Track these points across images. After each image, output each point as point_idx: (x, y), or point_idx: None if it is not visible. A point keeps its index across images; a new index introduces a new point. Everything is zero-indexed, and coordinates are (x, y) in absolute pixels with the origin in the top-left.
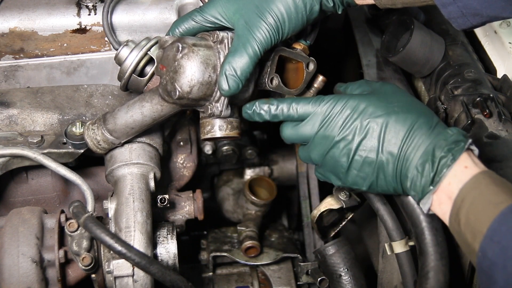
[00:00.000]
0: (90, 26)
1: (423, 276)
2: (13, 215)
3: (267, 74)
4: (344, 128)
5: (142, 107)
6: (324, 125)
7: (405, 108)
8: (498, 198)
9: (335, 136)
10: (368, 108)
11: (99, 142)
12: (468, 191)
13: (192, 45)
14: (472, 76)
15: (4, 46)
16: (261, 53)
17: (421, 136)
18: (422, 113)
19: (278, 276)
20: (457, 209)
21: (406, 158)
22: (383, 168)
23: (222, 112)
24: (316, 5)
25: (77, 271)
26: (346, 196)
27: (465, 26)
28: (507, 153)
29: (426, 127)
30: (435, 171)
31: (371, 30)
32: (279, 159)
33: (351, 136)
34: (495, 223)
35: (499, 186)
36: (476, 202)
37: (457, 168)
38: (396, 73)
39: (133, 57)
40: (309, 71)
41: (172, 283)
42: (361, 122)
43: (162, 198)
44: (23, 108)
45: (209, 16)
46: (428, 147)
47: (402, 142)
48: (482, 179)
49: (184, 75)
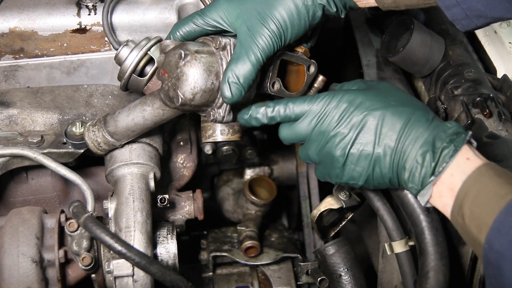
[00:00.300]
0: (90, 26)
1: (423, 275)
2: (13, 215)
3: (269, 78)
4: (340, 122)
5: (143, 110)
6: (320, 121)
7: (401, 102)
8: (503, 190)
9: (331, 131)
10: (365, 102)
11: (99, 144)
12: (472, 184)
13: (195, 52)
14: (472, 76)
15: (4, 46)
16: (264, 60)
17: (418, 129)
18: (419, 107)
19: (278, 276)
20: (460, 202)
21: (404, 150)
22: (380, 161)
23: (224, 118)
24: (318, 10)
25: (77, 271)
26: (346, 196)
27: (469, 27)
28: (507, 153)
29: (424, 120)
30: (436, 161)
31: (371, 30)
32: (279, 159)
33: (347, 130)
34: (502, 214)
35: (503, 178)
36: (480, 194)
37: (459, 159)
38: (396, 73)
39: (133, 57)
40: (310, 73)
41: (172, 283)
42: (358, 115)
43: (162, 198)
44: (23, 108)
45: (210, 20)
46: (427, 138)
47: (399, 134)
48: (485, 171)
49: (187, 83)
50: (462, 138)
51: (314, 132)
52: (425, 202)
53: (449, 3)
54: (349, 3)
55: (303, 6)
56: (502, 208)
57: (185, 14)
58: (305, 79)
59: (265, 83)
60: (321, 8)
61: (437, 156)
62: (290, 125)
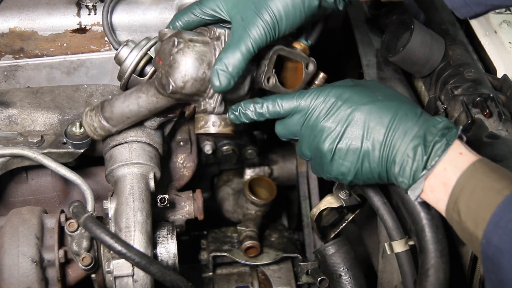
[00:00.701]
0: (90, 26)
1: (423, 273)
2: (13, 215)
3: (264, 72)
4: (327, 116)
5: (138, 97)
6: (309, 116)
7: (389, 97)
8: (499, 185)
9: (318, 125)
10: (352, 96)
11: (96, 129)
12: (467, 180)
13: (189, 41)
14: (472, 76)
15: (4, 46)
16: (255, 50)
17: (407, 123)
18: (406, 102)
19: (278, 276)
20: (455, 198)
21: (393, 144)
22: (368, 155)
23: (215, 108)
24: (315, 1)
25: (77, 271)
26: (346, 195)
27: (468, 14)
28: (507, 153)
29: (412, 114)
30: (428, 155)
31: (371, 30)
32: (279, 159)
33: (335, 124)
34: (500, 209)
35: (498, 173)
36: (477, 190)
37: (451, 153)
38: (396, 73)
39: (133, 57)
40: (309, 72)
41: (172, 283)
42: (345, 110)
43: (162, 198)
44: (23, 108)
45: (208, 9)
46: (418, 132)
47: (387, 129)
48: (480, 167)
49: (178, 70)
50: (454, 133)
51: (304, 127)
52: (416, 197)
53: None
54: None
55: None
56: (499, 203)
57: None
58: (303, 77)
59: (260, 78)
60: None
61: (429, 150)
62: (283, 121)
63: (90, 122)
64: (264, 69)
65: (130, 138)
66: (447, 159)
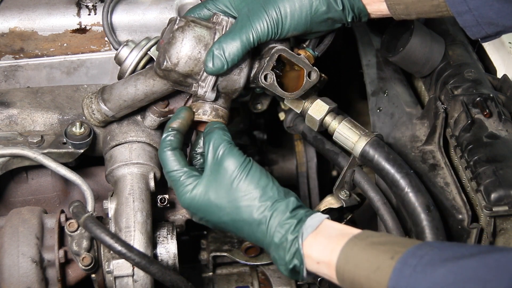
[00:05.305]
0: (90, 26)
1: None
2: (13, 215)
3: (263, 69)
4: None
5: (137, 79)
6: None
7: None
8: (379, 260)
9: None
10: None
11: (93, 111)
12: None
13: (191, 21)
14: (472, 76)
15: (4, 46)
16: (255, 42)
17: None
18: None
19: (278, 276)
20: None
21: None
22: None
23: (207, 93)
24: (322, 7)
25: (77, 271)
26: (346, 196)
27: (479, 35)
28: (507, 153)
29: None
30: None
31: (371, 30)
32: (279, 159)
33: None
34: (392, 280)
35: (370, 249)
36: (360, 279)
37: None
38: (396, 73)
39: (133, 57)
40: (311, 80)
41: (172, 283)
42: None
43: (162, 198)
44: (23, 108)
45: (220, 5)
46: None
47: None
48: (350, 253)
49: (175, 46)
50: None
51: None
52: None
53: (461, 9)
54: (358, 4)
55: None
56: (390, 274)
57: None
58: (303, 84)
59: (258, 74)
60: (326, 4)
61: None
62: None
63: (88, 104)
64: (263, 66)
65: (130, 138)
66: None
